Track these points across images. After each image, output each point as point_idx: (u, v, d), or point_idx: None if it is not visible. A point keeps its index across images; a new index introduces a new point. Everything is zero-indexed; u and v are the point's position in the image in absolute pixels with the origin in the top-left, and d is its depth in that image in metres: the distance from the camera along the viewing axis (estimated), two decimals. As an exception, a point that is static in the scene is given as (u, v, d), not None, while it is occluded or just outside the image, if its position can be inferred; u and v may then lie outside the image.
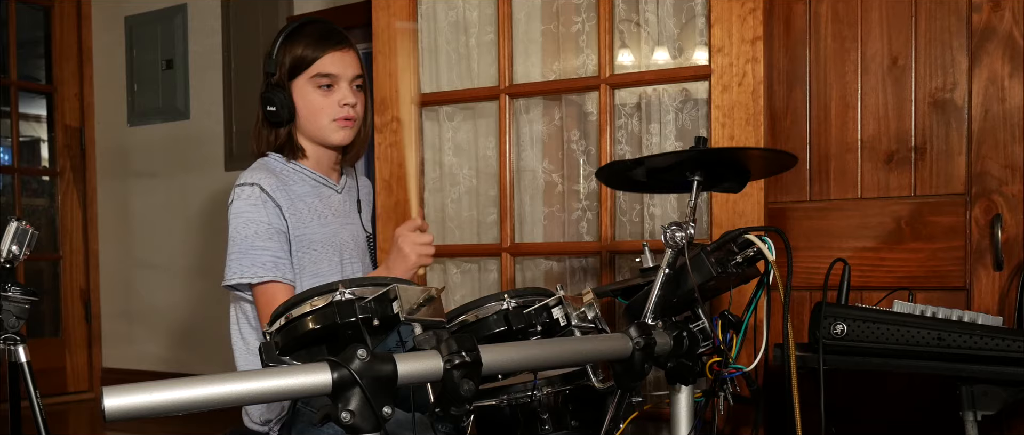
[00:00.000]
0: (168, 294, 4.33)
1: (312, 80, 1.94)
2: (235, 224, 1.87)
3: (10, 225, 2.13)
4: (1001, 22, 2.27)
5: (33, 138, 4.73)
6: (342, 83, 1.97)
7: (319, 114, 1.95)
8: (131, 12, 4.42)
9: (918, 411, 2.37)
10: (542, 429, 1.63)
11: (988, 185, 2.29)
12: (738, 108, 2.36)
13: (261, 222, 1.86)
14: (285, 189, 1.92)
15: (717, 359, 1.60)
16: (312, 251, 1.93)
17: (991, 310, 2.26)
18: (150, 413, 0.88)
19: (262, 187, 1.88)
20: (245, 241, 1.86)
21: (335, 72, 1.95)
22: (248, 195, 1.88)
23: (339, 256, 1.98)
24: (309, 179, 2.00)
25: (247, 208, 1.87)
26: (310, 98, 1.95)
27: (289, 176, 1.97)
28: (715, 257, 1.61)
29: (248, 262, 1.85)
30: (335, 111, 1.95)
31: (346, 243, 2.02)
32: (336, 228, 2.00)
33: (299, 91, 1.95)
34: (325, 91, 1.95)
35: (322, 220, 1.97)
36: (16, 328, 2.16)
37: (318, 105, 1.95)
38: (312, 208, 1.96)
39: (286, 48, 1.95)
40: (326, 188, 2.03)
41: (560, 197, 2.76)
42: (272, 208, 1.87)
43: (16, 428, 2.31)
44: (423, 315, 1.20)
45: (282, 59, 1.94)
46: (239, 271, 1.85)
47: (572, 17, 2.71)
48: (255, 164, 1.98)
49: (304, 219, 1.93)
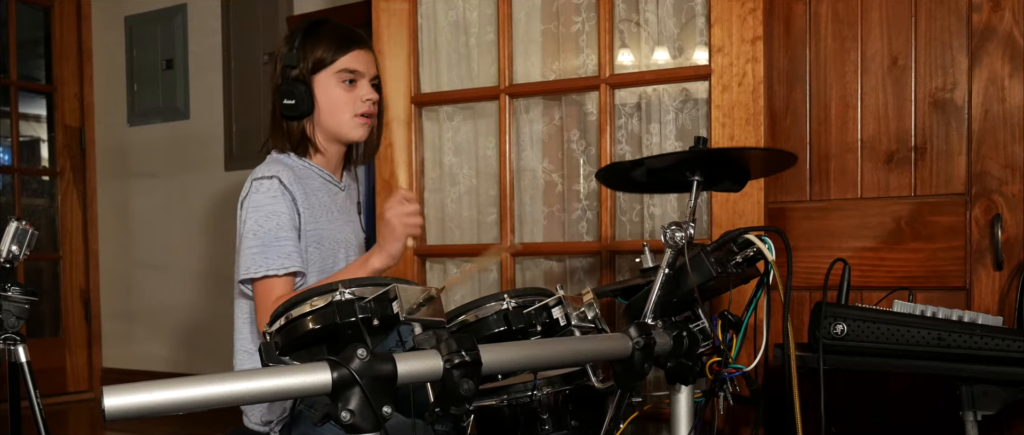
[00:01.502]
0: (168, 294, 4.33)
1: (337, 75, 1.97)
2: (256, 217, 1.86)
3: (10, 225, 2.13)
4: (1001, 22, 2.27)
5: (33, 138, 4.73)
6: (364, 80, 2.00)
7: (342, 109, 1.98)
8: (131, 12, 4.42)
9: (918, 411, 2.37)
10: (542, 429, 1.63)
11: (988, 185, 2.29)
12: (738, 108, 2.36)
13: (283, 214, 1.86)
14: (301, 183, 1.93)
15: (717, 359, 1.60)
16: (322, 247, 1.94)
17: (991, 310, 2.26)
18: (150, 413, 0.88)
19: (280, 179, 1.88)
20: (269, 234, 1.84)
21: (360, 69, 1.99)
22: (268, 188, 1.87)
23: (345, 253, 2.01)
24: (319, 176, 2.01)
25: (268, 200, 1.86)
26: (333, 93, 1.97)
27: (303, 172, 1.98)
28: (715, 257, 1.61)
29: (274, 254, 1.83)
30: (357, 106, 1.98)
31: (350, 241, 2.05)
32: (342, 225, 2.03)
33: (322, 86, 1.97)
34: (348, 87, 1.98)
35: (330, 217, 1.99)
36: (16, 328, 2.16)
37: (342, 100, 1.97)
38: (323, 204, 1.98)
39: (309, 44, 1.97)
40: (333, 186, 2.04)
41: (560, 197, 2.76)
42: (289, 201, 1.88)
43: (16, 428, 2.31)
44: (423, 315, 1.20)
45: (305, 54, 1.96)
46: (265, 263, 1.83)
47: (572, 17, 2.71)
48: (269, 158, 1.99)
49: (316, 214, 1.94)
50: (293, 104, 1.94)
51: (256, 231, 1.85)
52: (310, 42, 1.96)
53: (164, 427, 3.56)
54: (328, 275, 1.93)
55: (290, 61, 1.96)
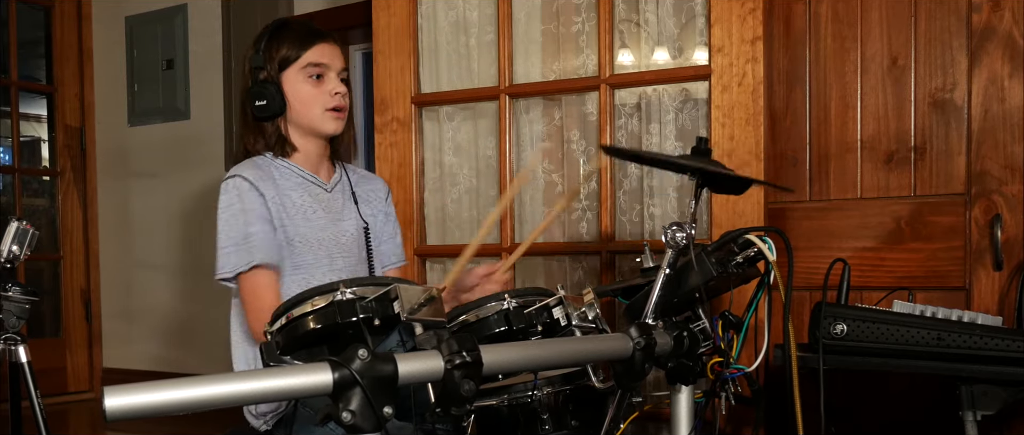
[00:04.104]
0: (169, 294, 4.33)
1: (304, 70, 1.98)
2: (225, 217, 1.90)
3: (11, 225, 2.13)
4: (1001, 22, 2.28)
5: (33, 138, 4.73)
6: (331, 73, 2.01)
7: (312, 104, 1.99)
8: (131, 12, 4.42)
9: (918, 411, 2.37)
10: (542, 429, 1.63)
11: (988, 185, 2.29)
12: (738, 108, 2.36)
13: (251, 210, 1.88)
14: (271, 181, 1.94)
15: (718, 359, 1.60)
16: (296, 245, 1.95)
17: (991, 310, 2.26)
18: (150, 413, 0.88)
19: (244, 177, 1.91)
20: (238, 231, 1.88)
21: (326, 62, 2.00)
22: (234, 186, 1.90)
23: (327, 253, 1.99)
24: (297, 175, 2.01)
25: (234, 199, 1.90)
26: (301, 89, 1.98)
27: (277, 171, 1.99)
28: (715, 257, 1.61)
29: (245, 249, 1.87)
30: (327, 100, 1.99)
31: (335, 240, 2.02)
32: (324, 224, 2.01)
33: (290, 83, 1.98)
34: (316, 81, 1.99)
35: (308, 217, 1.98)
36: (16, 328, 2.16)
37: (310, 95, 1.98)
38: (298, 204, 1.98)
39: (274, 44, 1.98)
40: (315, 186, 2.04)
41: (560, 197, 2.77)
42: (256, 196, 1.90)
43: (16, 428, 2.31)
44: (424, 315, 1.20)
45: (271, 54, 1.98)
46: (237, 260, 1.87)
47: (572, 17, 2.71)
48: (242, 162, 2.00)
49: (289, 213, 1.95)
50: (265, 104, 1.97)
51: (227, 231, 1.89)
52: (275, 42, 1.98)
53: (164, 427, 3.56)
54: (305, 273, 1.94)
55: (257, 62, 1.98)
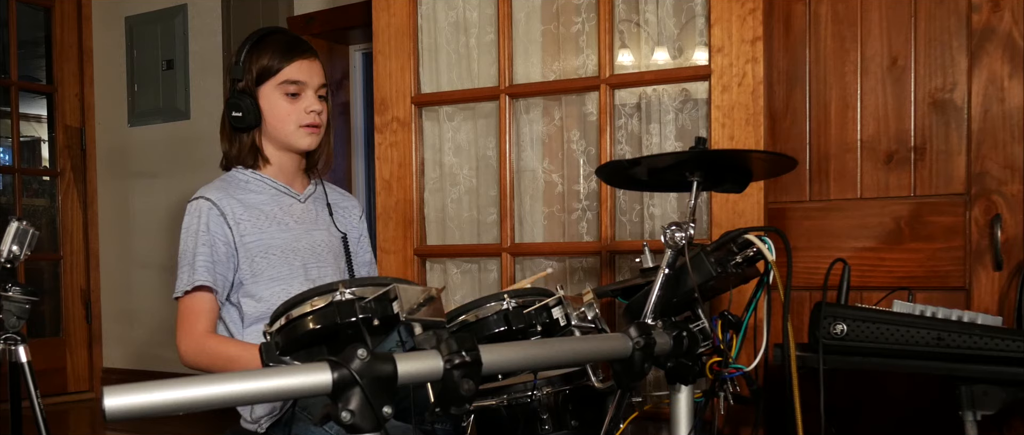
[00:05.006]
0: (168, 294, 4.30)
1: (280, 87, 1.98)
2: (182, 238, 1.94)
3: (11, 225, 2.14)
4: (1001, 22, 2.28)
5: (34, 138, 4.74)
6: (309, 91, 2.00)
7: (286, 120, 1.99)
8: (131, 12, 4.43)
9: (918, 411, 2.37)
10: (542, 429, 1.63)
11: (988, 185, 2.29)
12: (738, 108, 2.36)
13: (202, 233, 1.91)
14: (237, 198, 1.95)
15: (717, 359, 1.60)
16: (270, 256, 1.95)
17: (991, 310, 2.26)
18: (150, 413, 0.88)
19: (206, 197, 1.94)
20: (186, 253, 1.92)
21: (303, 79, 1.99)
22: (194, 209, 1.94)
23: (302, 261, 2.00)
24: (269, 187, 2.02)
25: (192, 221, 1.93)
26: (277, 104, 1.98)
27: (247, 185, 2.00)
28: (715, 257, 1.61)
29: (186, 272, 1.91)
30: (301, 117, 1.99)
31: (314, 249, 2.03)
32: (298, 234, 2.01)
33: (266, 97, 1.98)
34: (292, 99, 1.99)
35: (282, 226, 1.99)
36: (16, 328, 2.16)
37: (285, 111, 1.98)
38: (269, 215, 1.99)
39: (253, 56, 1.98)
40: (287, 197, 2.04)
41: (560, 197, 2.77)
42: (217, 216, 1.92)
43: (16, 428, 2.31)
44: (423, 315, 1.20)
45: (249, 66, 1.97)
46: (179, 283, 1.92)
47: (572, 17, 2.71)
48: (211, 182, 2.02)
49: (260, 225, 1.96)
50: (240, 116, 1.97)
51: (181, 252, 1.93)
52: (255, 54, 1.98)
53: (164, 427, 3.56)
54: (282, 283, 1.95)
55: (236, 73, 1.98)
